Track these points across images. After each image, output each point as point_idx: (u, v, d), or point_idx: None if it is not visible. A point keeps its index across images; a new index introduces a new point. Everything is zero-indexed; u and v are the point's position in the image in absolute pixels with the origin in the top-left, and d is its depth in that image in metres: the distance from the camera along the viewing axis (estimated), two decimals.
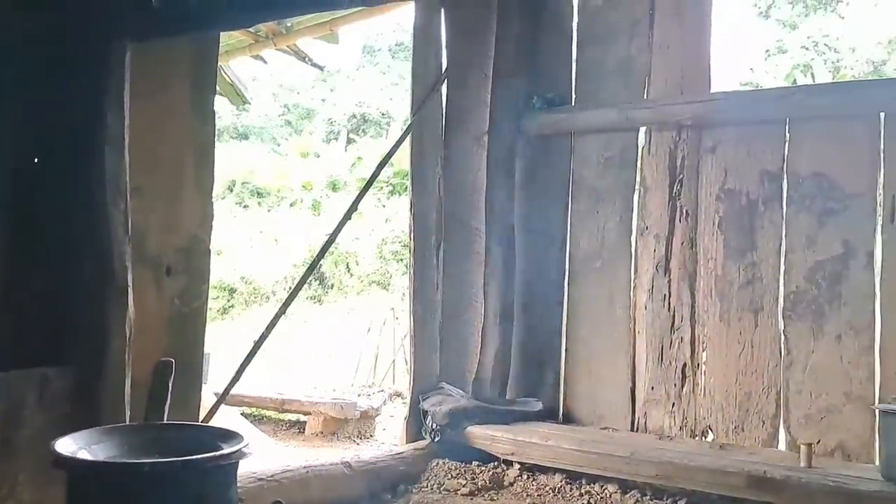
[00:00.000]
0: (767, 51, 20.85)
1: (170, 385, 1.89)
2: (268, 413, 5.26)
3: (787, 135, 3.33)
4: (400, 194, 12.50)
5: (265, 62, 5.50)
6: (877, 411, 2.89)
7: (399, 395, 5.90)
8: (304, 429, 4.93)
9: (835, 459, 3.07)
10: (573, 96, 3.84)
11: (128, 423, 2.06)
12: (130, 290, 2.22)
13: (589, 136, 3.75)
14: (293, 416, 5.19)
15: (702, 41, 3.54)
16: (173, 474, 1.59)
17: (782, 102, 3.42)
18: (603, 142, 3.71)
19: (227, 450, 1.66)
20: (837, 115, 3.24)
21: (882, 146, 3.13)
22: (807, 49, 19.59)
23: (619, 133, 3.67)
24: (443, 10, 3.80)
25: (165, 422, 1.89)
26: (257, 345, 2.91)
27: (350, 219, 3.37)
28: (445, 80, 3.78)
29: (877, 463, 2.82)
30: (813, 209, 3.25)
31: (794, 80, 19.09)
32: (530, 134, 3.85)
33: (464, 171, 3.81)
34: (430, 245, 3.72)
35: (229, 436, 1.75)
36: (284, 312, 2.98)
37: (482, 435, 3.38)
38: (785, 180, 3.32)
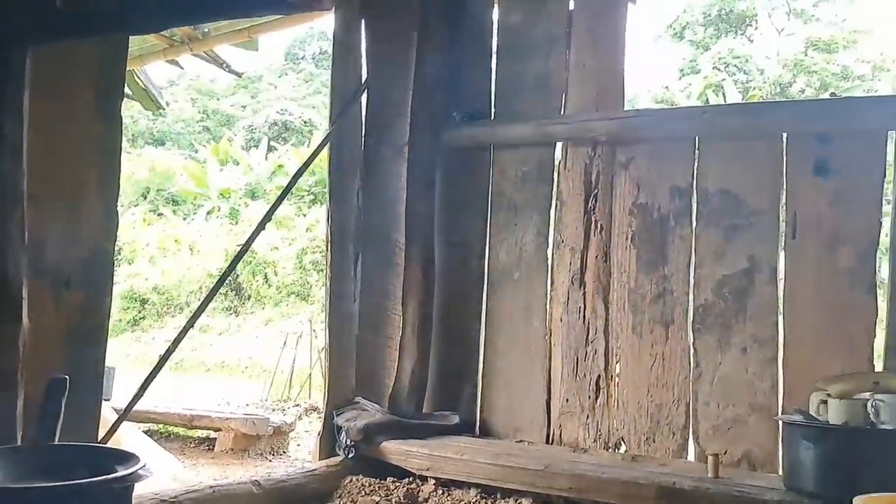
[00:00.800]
0: (682, 70, 21.61)
1: (63, 403, 1.79)
2: (176, 430, 5.09)
3: (697, 152, 3.43)
4: (321, 203, 12.40)
5: (181, 67, 5.36)
6: (780, 422, 2.98)
7: (315, 409, 5.81)
8: (213, 446, 4.80)
9: (741, 469, 3.15)
10: (493, 110, 3.87)
11: (18, 444, 1.94)
12: (25, 303, 2.11)
13: (508, 151, 3.79)
14: (203, 433, 5.04)
15: (616, 60, 3.62)
16: (62, 499, 1.50)
17: (691, 121, 3.52)
18: (521, 156, 3.75)
19: (121, 472, 1.58)
20: (743, 134, 3.35)
21: (784, 166, 3.26)
22: (718, 70, 20.37)
23: (537, 148, 3.71)
24: (363, 21, 3.77)
25: (58, 443, 1.79)
26: (163, 359, 2.80)
27: (264, 228, 3.29)
28: (366, 91, 3.76)
29: (780, 472, 2.92)
30: (720, 225, 3.35)
31: (707, 98, 19.81)
32: (451, 147, 3.86)
33: (384, 182, 3.78)
34: (348, 256, 3.67)
35: (126, 457, 1.67)
36: (193, 325, 2.89)
37: (397, 450, 3.34)
38: (694, 196, 3.41)
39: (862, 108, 3.36)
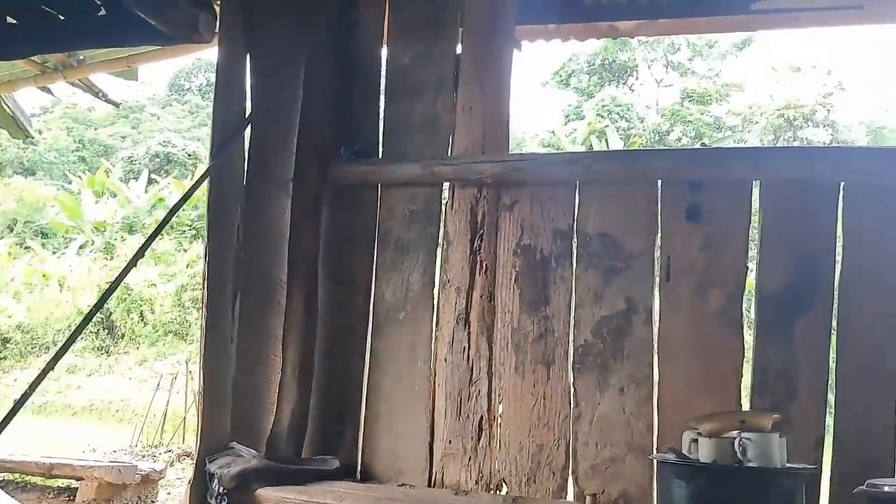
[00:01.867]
0: (567, 116, 22.45)
1: None
2: (34, 480, 4.74)
3: (577, 196, 3.53)
4: (203, 238, 12.01)
5: (53, 95, 5.11)
6: (654, 461, 3.05)
7: (189, 455, 5.55)
8: (75, 496, 4.49)
9: None
10: (381, 149, 3.86)
11: None
12: None
13: (395, 190, 3.78)
14: (65, 482, 4.71)
15: (502, 104, 3.69)
16: None
17: (572, 166, 3.62)
18: (408, 195, 3.75)
19: None
20: (621, 180, 3.48)
21: (659, 210, 3.40)
22: (602, 117, 21.30)
23: (424, 188, 3.72)
24: (248, 54, 3.71)
25: None
26: (19, 402, 2.60)
27: (136, 264, 3.14)
28: (249, 125, 3.67)
29: None
30: (600, 267, 3.44)
31: (591, 144, 20.63)
32: (337, 184, 3.82)
33: (266, 218, 3.69)
34: (226, 294, 3.54)
35: None
36: (53, 366, 2.70)
37: (273, 497, 3.21)
38: (575, 239, 3.50)
39: (730, 158, 3.55)
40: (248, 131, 3.69)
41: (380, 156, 3.84)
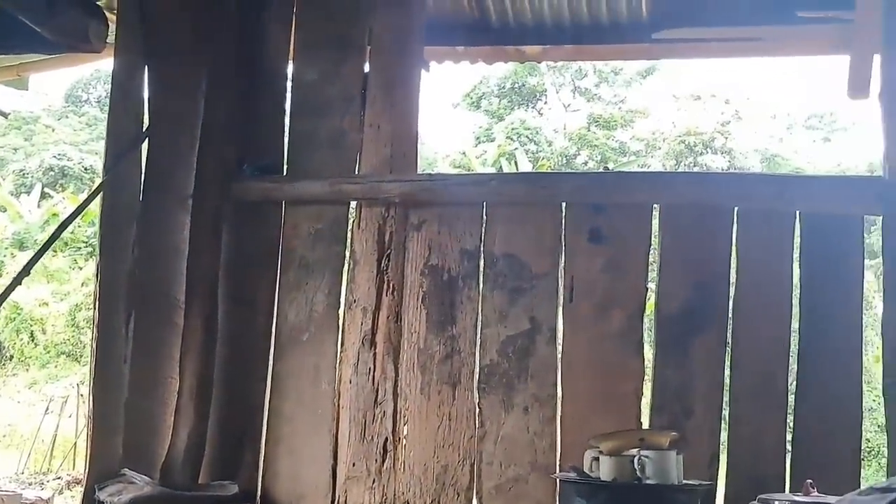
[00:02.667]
0: (478, 138, 22.72)
1: None
2: None
3: (484, 217, 3.55)
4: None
5: None
6: (557, 480, 3.08)
7: (79, 482, 5.27)
8: None
9: None
10: (286, 166, 3.79)
11: None
12: None
13: (300, 207, 3.71)
14: None
15: (410, 123, 3.69)
16: None
17: (480, 188, 3.64)
18: (314, 213, 3.69)
19: None
20: (527, 202, 3.53)
21: (563, 232, 3.45)
22: (511, 139, 21.65)
23: (330, 206, 3.67)
24: (147, 65, 3.58)
25: None
26: None
27: (20, 283, 2.97)
28: (147, 139, 3.55)
29: None
30: (505, 287, 3.47)
31: (500, 166, 20.92)
32: (240, 201, 3.72)
33: (163, 235, 3.56)
34: (119, 314, 3.39)
35: None
36: None
37: None
38: (482, 259, 3.52)
39: (632, 183, 3.64)
40: (145, 144, 3.56)
41: (284, 173, 3.77)
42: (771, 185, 3.42)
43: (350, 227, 3.67)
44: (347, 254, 3.65)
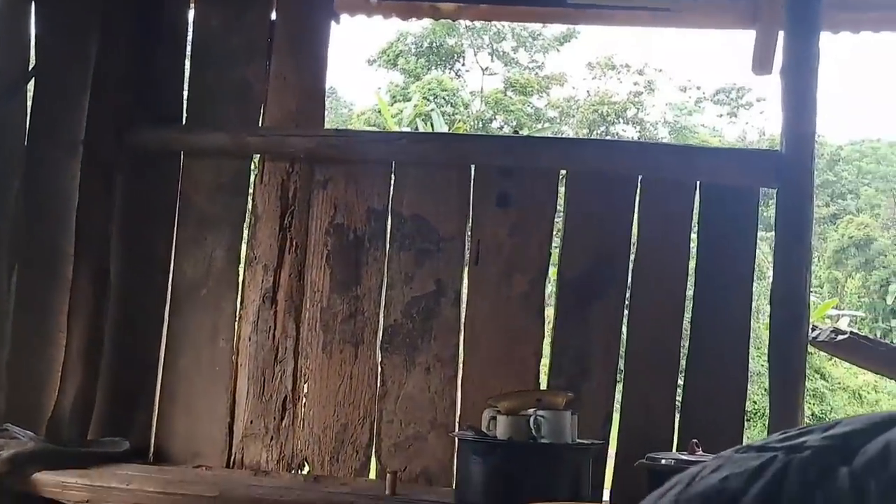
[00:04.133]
0: (394, 96, 22.49)
1: None
2: None
3: (393, 177, 3.50)
4: None
5: None
6: (455, 438, 3.11)
7: None
8: None
9: (420, 485, 3.24)
10: (185, 115, 3.63)
11: None
12: None
13: (200, 159, 3.57)
14: None
15: (317, 77, 3.59)
16: None
17: (389, 146, 3.60)
18: (215, 166, 3.56)
19: None
20: (436, 162, 3.49)
21: (471, 195, 3.44)
22: (428, 100, 21.53)
23: (232, 159, 3.55)
24: (33, 3, 3.35)
25: None
26: None
27: None
28: (34, 80, 3.33)
29: (453, 487, 3.04)
30: (412, 248, 3.44)
31: (416, 126, 20.80)
32: (135, 150, 3.55)
33: (51, 185, 3.37)
34: (2, 267, 3.21)
35: None
36: None
37: (52, 482, 2.96)
38: (389, 219, 3.48)
39: (540, 148, 3.66)
40: (31, 88, 3.35)
41: (184, 122, 3.61)
42: (674, 156, 3.51)
43: (252, 182, 3.57)
44: (249, 209, 3.55)
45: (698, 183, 3.36)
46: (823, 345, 3.21)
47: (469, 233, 3.46)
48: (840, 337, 3.09)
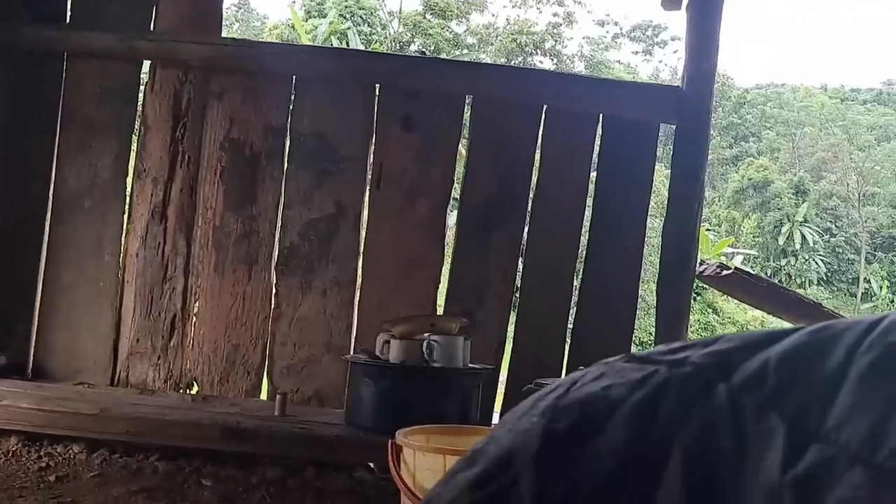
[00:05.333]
0: (309, 12, 21.70)
1: None
2: None
3: (293, 92, 3.37)
4: None
5: None
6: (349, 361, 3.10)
7: None
8: None
9: (311, 407, 3.24)
10: (69, 13, 3.37)
11: None
12: None
13: (85, 62, 3.34)
14: None
15: None
16: None
17: (289, 59, 3.45)
18: (101, 70, 3.34)
19: None
20: (339, 79, 3.38)
21: (376, 116, 3.35)
22: (344, 17, 20.87)
23: (120, 63, 3.33)
24: None
25: None
26: None
27: None
28: None
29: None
30: (312, 168, 3.35)
31: (332, 44, 20.18)
32: (14, 49, 3.30)
33: None
34: None
35: None
36: None
37: None
38: (288, 137, 3.36)
39: (447, 71, 3.59)
40: None
41: (68, 20, 3.36)
42: (578, 86, 3.50)
43: (143, 90, 3.37)
44: (139, 118, 3.37)
45: (601, 115, 3.36)
46: (709, 279, 3.32)
47: (372, 155, 3.38)
48: (725, 272, 3.20)
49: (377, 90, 3.37)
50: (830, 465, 0.40)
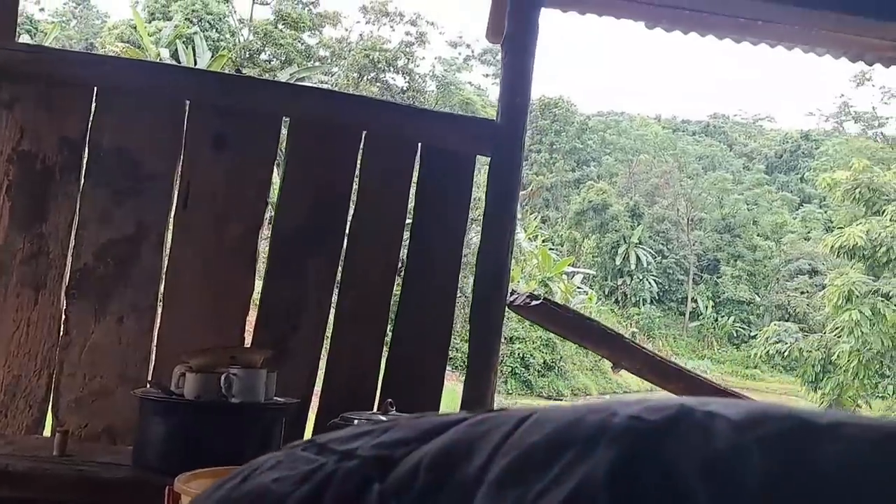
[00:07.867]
0: (153, 14, 20.77)
1: None
2: None
3: (94, 104, 3.15)
4: None
5: None
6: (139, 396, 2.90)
7: None
8: None
9: (101, 444, 3.00)
10: None
11: None
12: None
13: None
14: None
15: None
16: None
17: (92, 69, 3.23)
18: None
19: None
20: (146, 94, 3.19)
21: (185, 133, 3.19)
22: (191, 22, 20.11)
23: None
24: None
25: None
26: None
27: None
28: None
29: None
30: (111, 185, 3.14)
31: (176, 48, 19.42)
32: None
33: None
34: None
35: None
36: None
37: None
38: (86, 151, 3.14)
39: (262, 91, 3.49)
40: None
41: None
42: (395, 114, 3.48)
43: None
44: None
45: (420, 144, 3.36)
46: (519, 308, 3.38)
47: (179, 174, 3.21)
48: (534, 302, 3.27)
49: (187, 106, 3.21)
50: None
